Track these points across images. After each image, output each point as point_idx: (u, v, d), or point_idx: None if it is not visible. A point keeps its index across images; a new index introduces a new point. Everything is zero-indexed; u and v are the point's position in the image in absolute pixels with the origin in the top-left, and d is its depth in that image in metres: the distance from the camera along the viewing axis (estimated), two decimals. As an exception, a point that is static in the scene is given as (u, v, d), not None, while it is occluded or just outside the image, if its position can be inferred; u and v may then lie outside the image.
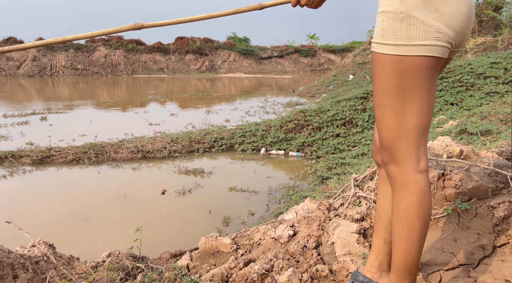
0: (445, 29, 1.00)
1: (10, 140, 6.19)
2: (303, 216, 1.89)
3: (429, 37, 0.99)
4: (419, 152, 1.08)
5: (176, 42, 30.01)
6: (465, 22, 1.03)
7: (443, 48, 1.02)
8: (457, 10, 1.00)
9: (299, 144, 5.52)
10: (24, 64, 24.56)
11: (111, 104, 11.44)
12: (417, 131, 1.06)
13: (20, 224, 3.21)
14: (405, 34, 1.00)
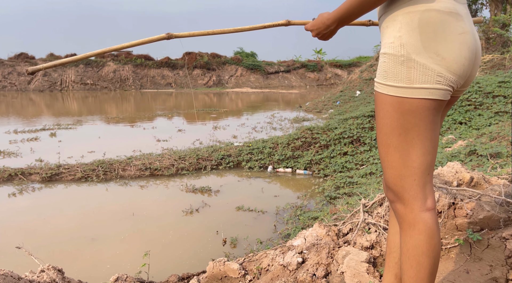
0: (445, 73, 1.00)
1: (20, 157, 6.27)
2: (312, 243, 1.88)
3: (430, 81, 1.00)
4: (426, 190, 1.08)
5: (184, 57, 30.42)
6: (467, 66, 1.03)
7: (444, 91, 1.02)
8: (458, 55, 1.01)
9: (307, 162, 5.51)
10: (35, 79, 25.01)
11: (119, 119, 11.56)
12: (422, 170, 1.07)
13: (29, 244, 3.23)
14: (405, 77, 1.01)
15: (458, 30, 1.01)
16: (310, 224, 3.35)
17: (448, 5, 1.01)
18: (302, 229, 3.28)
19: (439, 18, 1.00)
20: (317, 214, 3.53)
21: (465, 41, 1.02)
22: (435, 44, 0.99)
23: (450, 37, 1.00)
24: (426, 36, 0.99)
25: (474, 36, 1.06)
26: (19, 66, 25.23)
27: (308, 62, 36.31)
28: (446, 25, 1.00)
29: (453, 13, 1.01)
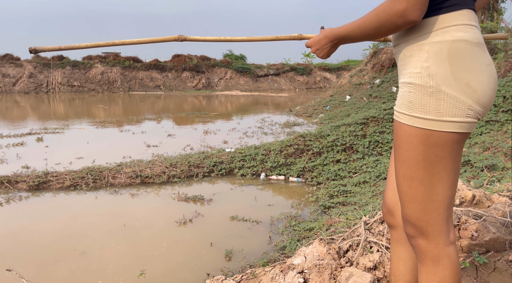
0: (475, 106, 0.98)
1: (6, 163, 6.10)
2: (313, 263, 1.84)
3: (460, 114, 0.97)
4: (449, 224, 1.05)
5: (173, 60, 30.24)
6: (493, 97, 1.02)
7: (473, 124, 1.00)
8: (488, 87, 0.98)
9: (299, 169, 5.48)
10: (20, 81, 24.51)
11: (108, 123, 11.39)
12: (447, 203, 1.04)
13: (16, 258, 3.12)
14: (434, 109, 0.97)
15: (485, 62, 0.99)
16: (306, 235, 3.31)
17: (476, 36, 0.98)
18: (297, 241, 3.25)
19: (469, 49, 0.97)
20: (313, 224, 3.50)
21: (492, 72, 1.00)
22: (466, 75, 0.96)
23: (480, 68, 0.97)
24: (456, 67, 0.96)
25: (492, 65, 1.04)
26: (3, 67, 24.70)
27: (297, 65, 36.48)
28: (475, 56, 0.97)
29: (480, 44, 0.99)
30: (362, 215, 2.30)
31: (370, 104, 11.50)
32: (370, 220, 2.04)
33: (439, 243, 1.05)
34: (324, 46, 1.14)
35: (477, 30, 1.00)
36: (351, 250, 2.05)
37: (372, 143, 5.52)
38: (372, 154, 5.36)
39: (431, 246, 1.05)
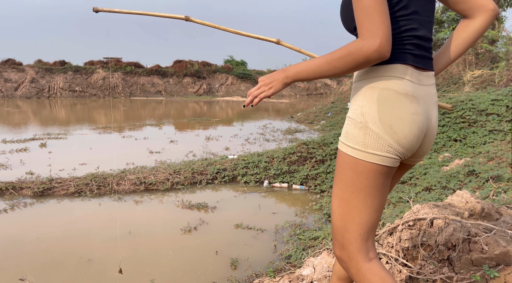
0: (395, 145, 1.12)
1: (10, 169, 6.12)
2: (323, 274, 1.85)
3: (381, 149, 1.12)
4: (368, 245, 1.18)
5: (175, 65, 30.36)
6: (415, 142, 1.15)
7: (393, 160, 1.14)
8: (409, 132, 1.12)
9: (303, 177, 5.50)
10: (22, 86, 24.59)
11: (110, 128, 11.42)
12: (368, 226, 1.16)
13: (23, 266, 3.12)
14: (361, 141, 1.13)
15: (411, 111, 1.13)
16: (311, 244, 3.32)
17: (405, 88, 1.13)
18: (303, 250, 3.25)
19: (395, 97, 1.12)
20: (317, 233, 3.51)
21: (416, 121, 1.13)
22: (390, 119, 1.11)
23: (404, 115, 1.12)
24: (382, 110, 1.11)
25: (428, 117, 1.18)
26: (6, 72, 24.78)
27: (298, 71, 36.60)
28: (400, 104, 1.12)
29: (409, 95, 1.13)
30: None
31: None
32: (378, 231, 2.06)
33: (358, 260, 1.16)
34: (278, 82, 1.18)
35: (409, 83, 1.13)
36: (360, 261, 2.07)
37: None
38: (375, 163, 5.38)
39: (352, 262, 1.18)
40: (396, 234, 1.91)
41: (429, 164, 4.65)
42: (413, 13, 1.14)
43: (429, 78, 1.20)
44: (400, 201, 3.77)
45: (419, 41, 1.15)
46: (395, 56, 1.13)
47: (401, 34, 1.13)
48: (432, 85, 1.22)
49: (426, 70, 1.19)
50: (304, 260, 2.68)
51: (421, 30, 1.15)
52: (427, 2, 1.18)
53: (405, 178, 4.49)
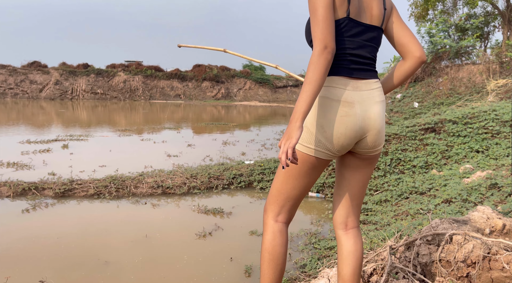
0: (324, 141, 1.45)
1: (33, 169, 6.30)
2: (338, 287, 1.83)
3: (312, 143, 1.46)
4: (281, 210, 1.58)
5: (194, 69, 30.72)
6: (344, 139, 1.44)
7: (322, 153, 1.47)
8: (337, 131, 1.43)
9: (319, 185, 5.46)
10: (46, 88, 25.33)
11: (130, 131, 11.63)
12: (285, 197, 1.56)
13: (43, 267, 3.21)
14: (302, 137, 1.48)
15: (341, 114, 1.43)
16: (327, 254, 3.29)
17: (338, 94, 1.44)
18: (318, 260, 3.23)
19: (328, 103, 1.44)
20: (333, 243, 3.48)
21: (344, 122, 1.43)
22: (322, 120, 1.44)
23: (334, 118, 1.43)
24: (318, 114, 1.45)
25: (366, 116, 1.46)
26: (31, 74, 25.60)
27: (316, 77, 36.47)
28: (332, 109, 1.43)
29: (341, 101, 1.43)
30: (386, 237, 2.28)
31: (391, 119, 11.39)
32: (395, 245, 2.03)
33: (268, 216, 1.59)
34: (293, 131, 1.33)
35: (343, 90, 1.44)
36: (375, 274, 2.04)
37: (394, 160, 5.46)
38: (394, 172, 5.30)
39: (265, 217, 1.61)
40: (414, 248, 1.88)
41: (449, 176, 4.55)
42: (352, 36, 1.47)
43: (368, 84, 1.50)
44: (418, 212, 3.70)
45: (355, 58, 1.47)
46: (332, 70, 1.46)
47: (339, 52, 1.45)
48: (373, 90, 1.50)
49: (365, 79, 1.50)
50: (319, 270, 2.66)
51: (358, 50, 1.48)
52: (367, 30, 1.50)
53: (424, 189, 4.41)
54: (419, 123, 6.20)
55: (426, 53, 12.92)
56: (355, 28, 1.47)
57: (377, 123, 1.48)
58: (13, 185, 5.04)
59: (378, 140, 1.51)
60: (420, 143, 5.78)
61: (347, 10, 1.43)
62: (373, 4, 1.50)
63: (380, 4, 1.53)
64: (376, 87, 1.52)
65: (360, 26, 1.48)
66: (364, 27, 1.49)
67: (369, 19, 1.50)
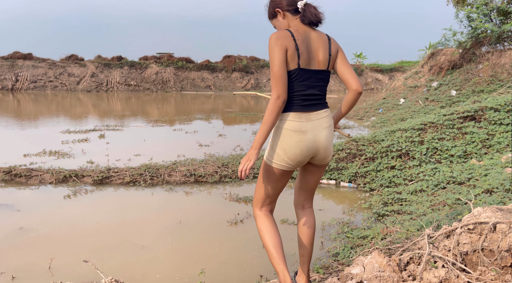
0: (286, 159, 1.95)
1: (73, 158, 6.59)
2: (373, 274, 1.80)
3: (279, 160, 1.97)
4: (263, 204, 2.12)
5: (224, 60, 30.84)
6: (301, 157, 1.95)
7: (285, 166, 1.97)
8: (294, 152, 1.93)
9: (351, 175, 5.38)
10: (83, 80, 26.27)
11: (162, 121, 11.89)
12: (264, 196, 2.09)
13: (83, 249, 3.36)
14: (270, 154, 2.00)
15: (296, 139, 1.91)
16: (360, 243, 3.25)
17: (293, 126, 1.91)
18: (351, 249, 3.19)
19: (287, 133, 1.92)
20: (366, 232, 3.42)
21: (299, 146, 1.92)
22: (282, 143, 1.93)
23: (291, 142, 1.91)
24: (281, 140, 1.93)
25: (316, 140, 1.94)
26: (69, 67, 26.62)
27: (347, 66, 35.63)
28: (290, 136, 1.91)
29: (296, 130, 1.91)
30: (424, 226, 2.21)
31: (427, 108, 10.98)
32: (434, 233, 1.97)
33: (254, 210, 2.15)
34: (252, 154, 1.87)
35: (296, 123, 1.91)
36: (412, 263, 1.99)
37: (430, 150, 5.27)
38: (430, 162, 5.12)
39: (253, 209, 2.17)
40: (454, 237, 1.82)
41: (490, 165, 4.35)
42: (303, 81, 1.90)
43: (318, 115, 1.96)
44: (457, 203, 3.57)
45: (306, 97, 1.92)
46: (287, 107, 1.91)
47: (294, 94, 1.90)
48: (322, 118, 1.97)
49: (315, 111, 1.95)
50: (352, 259, 2.63)
51: (308, 91, 1.92)
52: (316, 74, 1.94)
53: (463, 179, 4.24)
54: (458, 111, 5.94)
55: (464, 39, 12.30)
56: (305, 74, 1.90)
57: (324, 144, 1.97)
58: (55, 172, 5.29)
59: (326, 155, 2.02)
60: (458, 132, 5.55)
61: (298, 63, 1.87)
62: (319, 53, 1.92)
63: (326, 52, 1.94)
64: (324, 116, 1.98)
65: (309, 72, 1.91)
66: (312, 73, 1.92)
67: (317, 65, 1.93)
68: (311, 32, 1.93)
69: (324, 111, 1.99)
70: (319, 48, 1.92)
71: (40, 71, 25.69)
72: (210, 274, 2.91)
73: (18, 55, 26.36)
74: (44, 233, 3.67)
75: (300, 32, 1.89)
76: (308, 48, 1.89)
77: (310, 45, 1.91)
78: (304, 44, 1.88)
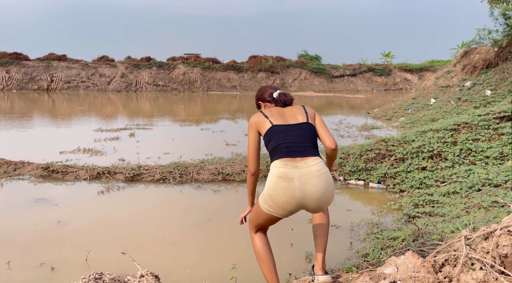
0: (273, 205, 2.05)
1: (105, 155, 6.81)
2: (408, 275, 1.78)
3: (266, 205, 2.08)
4: (256, 229, 2.26)
5: (250, 61, 30.98)
6: (288, 204, 2.02)
7: (274, 212, 2.08)
8: (281, 198, 2.01)
9: (380, 175, 5.29)
10: (113, 80, 27.05)
11: (190, 121, 12.08)
12: (256, 225, 2.24)
13: (116, 242, 3.47)
14: (261, 198, 2.11)
15: (282, 186, 1.99)
16: (390, 244, 3.19)
17: (280, 172, 2.02)
18: (381, 249, 3.14)
19: (274, 179, 2.02)
20: (397, 234, 3.36)
21: (285, 193, 1.99)
22: (269, 190, 2.03)
23: (278, 189, 2.00)
24: (268, 186, 2.04)
25: (304, 188, 1.99)
26: (100, 67, 27.49)
27: (375, 65, 35.03)
28: (276, 183, 2.01)
29: (283, 177, 2.00)
30: (459, 228, 2.16)
31: (459, 108, 10.64)
32: (471, 235, 1.92)
33: (250, 230, 2.29)
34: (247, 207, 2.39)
35: (283, 169, 2.02)
36: (448, 265, 1.95)
37: (464, 151, 5.11)
38: (463, 163, 4.97)
39: (250, 233, 2.30)
40: (493, 239, 1.77)
41: (528, 167, 4.17)
42: (282, 132, 2.11)
43: (307, 162, 2.04)
44: (493, 205, 3.45)
45: (290, 145, 2.08)
46: (274, 156, 2.10)
47: (278, 145, 2.08)
48: (311, 166, 2.03)
49: (303, 158, 2.05)
50: (383, 259, 2.60)
51: (291, 139, 2.09)
52: (296, 127, 2.15)
53: (500, 181, 4.09)
54: (494, 111, 5.72)
55: (500, 37, 11.83)
56: (282, 128, 2.12)
57: (316, 195, 2.01)
58: (89, 169, 5.49)
59: (321, 205, 2.07)
60: (494, 133, 5.35)
61: (270, 122, 2.15)
62: (297, 114, 2.20)
63: (303, 114, 2.20)
64: (314, 164, 2.04)
65: (287, 126, 2.13)
66: (291, 126, 2.14)
67: (295, 121, 2.16)
68: (285, 108, 2.26)
69: (313, 159, 2.05)
70: (295, 112, 2.21)
71: (74, 72, 26.66)
72: (239, 271, 2.95)
73: (53, 56, 27.46)
74: (79, 227, 3.82)
75: (272, 109, 2.24)
76: (282, 114, 2.19)
77: (284, 113, 2.21)
78: (275, 112, 2.20)
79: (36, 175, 5.51)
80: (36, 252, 3.29)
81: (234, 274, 2.43)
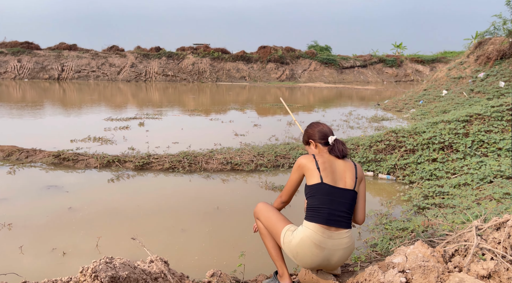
0: (294, 258, 2.14)
1: (115, 144, 6.87)
2: (417, 264, 1.77)
3: (287, 251, 2.15)
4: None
5: (259, 51, 30.79)
6: (308, 263, 2.11)
7: (291, 258, 2.16)
8: (304, 261, 2.11)
9: (390, 166, 5.25)
10: (123, 70, 27.15)
11: (199, 111, 12.10)
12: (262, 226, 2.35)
13: (126, 228, 3.52)
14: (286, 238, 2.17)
15: (313, 252, 2.05)
16: (399, 235, 3.18)
17: (314, 238, 2.05)
18: (390, 240, 3.13)
19: (308, 242, 2.05)
20: (406, 225, 3.35)
21: (313, 259, 2.07)
22: (299, 249, 2.08)
23: (306, 252, 2.06)
24: (298, 245, 2.08)
25: (330, 258, 2.08)
26: (110, 57, 27.60)
27: (386, 56, 34.56)
28: (308, 246, 2.05)
29: (316, 244, 2.04)
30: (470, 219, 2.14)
31: (472, 99, 10.47)
32: (482, 225, 1.89)
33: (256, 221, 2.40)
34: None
35: (318, 236, 2.05)
36: (458, 255, 1.93)
37: (476, 142, 5.04)
38: (475, 155, 4.90)
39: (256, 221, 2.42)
40: (505, 229, 1.74)
41: (542, 160, 4.09)
42: (327, 195, 2.07)
43: (340, 234, 2.07)
44: (505, 197, 3.40)
45: (331, 211, 2.06)
46: (312, 216, 2.09)
47: (319, 207, 2.07)
48: (342, 238, 2.07)
49: (338, 229, 2.07)
50: (392, 249, 2.59)
51: (334, 205, 2.07)
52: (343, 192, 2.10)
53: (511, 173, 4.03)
54: (507, 102, 5.62)
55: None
56: (330, 189, 2.08)
57: (337, 264, 2.11)
58: (100, 157, 5.55)
59: (334, 270, 2.20)
60: (507, 124, 5.26)
61: (320, 177, 2.09)
62: (346, 175, 2.13)
63: (353, 175, 2.14)
64: (345, 236, 2.08)
65: (335, 188, 2.09)
66: (339, 190, 2.09)
67: (343, 185, 2.11)
68: (338, 160, 2.18)
69: (346, 231, 2.09)
70: (346, 172, 2.14)
71: (84, 62, 26.81)
72: (248, 258, 2.96)
73: (64, 46, 27.61)
74: (90, 214, 3.87)
75: (325, 158, 2.17)
76: (333, 170, 2.13)
77: (335, 169, 2.14)
78: (327, 165, 2.13)
79: (48, 163, 5.58)
80: (48, 237, 3.35)
81: (242, 261, 2.44)
